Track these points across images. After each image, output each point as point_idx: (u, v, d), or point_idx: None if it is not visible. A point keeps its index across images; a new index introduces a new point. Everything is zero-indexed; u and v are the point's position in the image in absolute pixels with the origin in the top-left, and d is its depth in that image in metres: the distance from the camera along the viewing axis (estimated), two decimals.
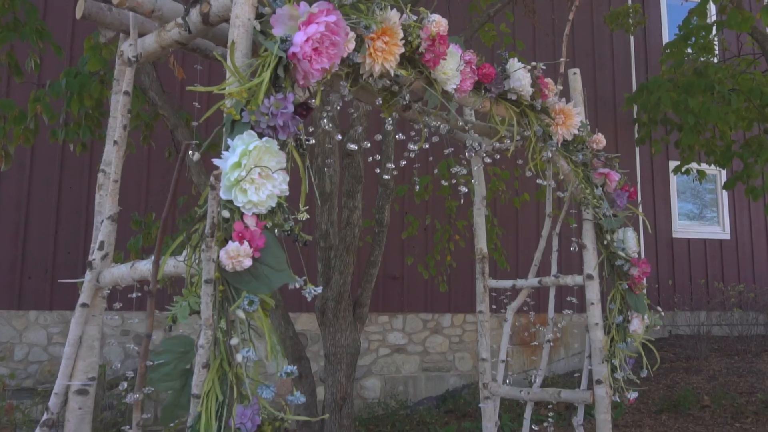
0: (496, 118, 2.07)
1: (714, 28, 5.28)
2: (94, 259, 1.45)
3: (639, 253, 2.45)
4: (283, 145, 1.18)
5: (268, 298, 1.12)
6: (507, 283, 2.75)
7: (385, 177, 1.97)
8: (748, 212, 9.37)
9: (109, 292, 1.46)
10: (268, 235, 1.13)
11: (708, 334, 8.48)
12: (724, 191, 8.51)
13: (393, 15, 1.48)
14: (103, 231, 1.46)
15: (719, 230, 9.48)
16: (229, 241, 1.04)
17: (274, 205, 1.13)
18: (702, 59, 5.64)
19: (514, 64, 2.01)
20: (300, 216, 1.17)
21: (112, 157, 1.48)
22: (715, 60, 6.30)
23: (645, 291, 2.42)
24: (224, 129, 1.18)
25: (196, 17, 1.36)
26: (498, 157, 2.58)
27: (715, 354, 8.14)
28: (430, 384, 7.97)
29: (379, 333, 7.83)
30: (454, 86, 1.79)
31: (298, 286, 1.18)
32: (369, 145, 2.14)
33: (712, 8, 5.71)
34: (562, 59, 2.26)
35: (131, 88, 1.53)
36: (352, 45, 1.34)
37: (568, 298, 2.68)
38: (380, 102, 1.81)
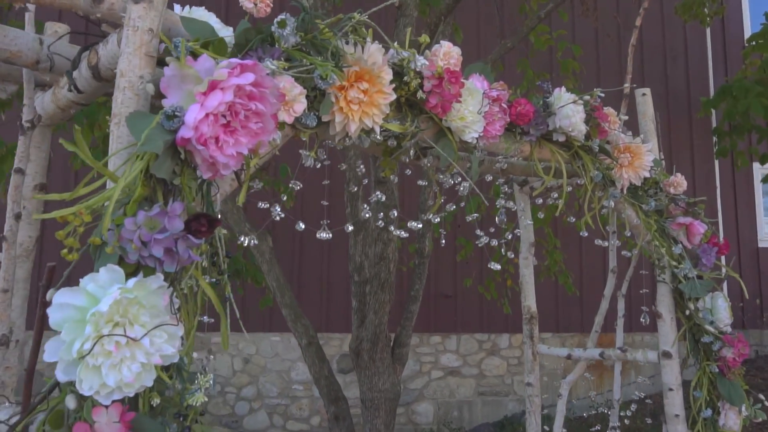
0: (538, 165, 1.58)
1: None
2: None
3: (729, 327, 1.89)
4: (177, 275, 0.75)
5: None
6: (561, 352, 2.24)
7: (415, 225, 1.50)
8: None
9: None
10: (148, 426, 0.71)
11: None
12: None
13: (374, 51, 1.02)
14: None
15: None
16: None
17: (150, 384, 0.70)
18: None
19: (561, 97, 1.50)
20: (203, 385, 0.73)
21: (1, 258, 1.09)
22: None
23: (742, 376, 1.87)
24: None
25: (86, 71, 0.95)
26: (541, 200, 2.08)
27: None
28: (486, 409, 7.44)
29: (432, 354, 7.37)
30: (476, 135, 1.31)
31: None
32: (396, 179, 1.71)
33: None
34: (627, 85, 1.73)
35: (40, 167, 1.14)
36: (300, 105, 0.89)
37: (642, 314, 2.16)
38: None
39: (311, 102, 0.96)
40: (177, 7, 1.03)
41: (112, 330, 0.67)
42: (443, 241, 1.92)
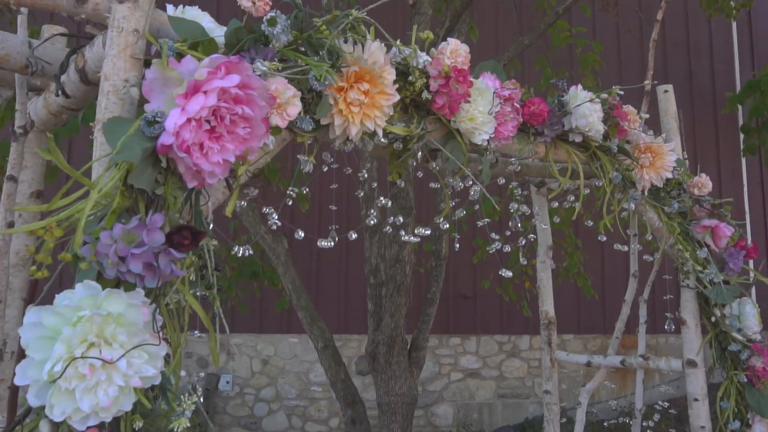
0: (554, 167, 1.51)
1: None
2: None
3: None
4: (160, 290, 0.71)
5: None
6: (581, 359, 2.17)
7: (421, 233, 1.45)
8: None
9: None
10: None
11: None
12: None
13: (375, 50, 0.97)
14: None
15: None
16: None
17: (128, 408, 0.65)
18: None
19: (577, 95, 1.43)
20: (187, 408, 0.68)
21: None
22: None
23: None
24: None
25: (74, 75, 0.91)
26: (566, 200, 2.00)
27: None
28: (507, 412, 7.34)
29: (451, 356, 7.30)
30: (486, 136, 1.25)
31: None
32: (402, 183, 1.65)
33: None
34: (647, 81, 1.65)
35: (36, 174, 1.10)
36: (294, 108, 0.84)
37: (666, 321, 2.07)
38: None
39: (307, 104, 0.91)
40: (170, 7, 0.98)
41: (87, 351, 0.63)
42: (457, 245, 1.86)
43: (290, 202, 1.26)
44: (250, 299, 6.13)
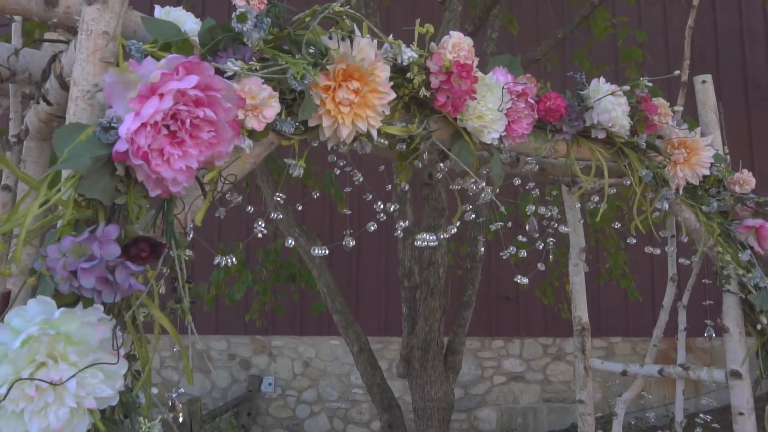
0: (576, 165, 1.42)
1: None
2: None
3: None
4: (122, 305, 0.67)
5: None
6: (616, 367, 2.05)
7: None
8: None
9: None
10: None
11: None
12: None
13: (364, 46, 0.91)
14: None
15: None
16: None
17: (83, 431, 0.61)
18: None
19: (599, 89, 1.34)
20: (151, 429, 0.64)
21: None
22: None
23: None
24: None
25: (54, 81, 0.89)
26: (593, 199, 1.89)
27: None
28: (552, 416, 7.15)
29: (494, 359, 7.16)
30: (496, 135, 1.17)
31: None
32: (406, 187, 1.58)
33: None
34: (677, 72, 1.54)
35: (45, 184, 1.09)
36: (272, 110, 0.79)
37: (707, 328, 1.93)
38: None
39: (289, 105, 0.86)
40: (157, 9, 0.95)
41: (35, 371, 0.59)
42: (482, 249, 1.79)
43: (300, 208, 1.21)
44: (291, 302, 6.16)
